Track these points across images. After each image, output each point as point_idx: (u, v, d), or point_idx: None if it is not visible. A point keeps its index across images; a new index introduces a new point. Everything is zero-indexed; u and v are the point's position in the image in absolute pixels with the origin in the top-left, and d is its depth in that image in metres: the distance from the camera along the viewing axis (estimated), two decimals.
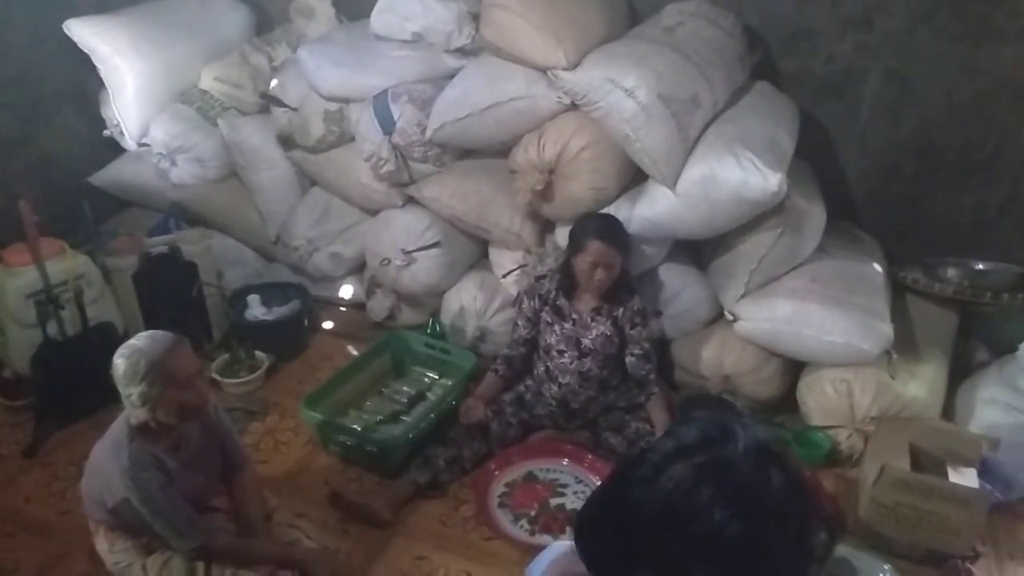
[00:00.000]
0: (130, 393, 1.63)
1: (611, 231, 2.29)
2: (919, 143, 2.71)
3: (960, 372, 2.54)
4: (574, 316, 2.38)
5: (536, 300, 2.43)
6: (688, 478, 0.71)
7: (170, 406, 1.65)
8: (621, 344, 2.39)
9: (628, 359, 2.39)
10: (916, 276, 2.60)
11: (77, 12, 3.07)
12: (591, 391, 2.40)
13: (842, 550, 2.01)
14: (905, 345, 2.41)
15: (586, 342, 2.37)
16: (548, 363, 2.43)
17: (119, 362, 1.63)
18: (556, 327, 2.39)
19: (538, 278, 2.49)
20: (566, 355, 2.39)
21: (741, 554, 0.70)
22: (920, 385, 2.35)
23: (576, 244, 2.30)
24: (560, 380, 2.41)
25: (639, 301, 2.38)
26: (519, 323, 2.48)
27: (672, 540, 0.71)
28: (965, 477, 2.07)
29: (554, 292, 2.40)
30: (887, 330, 2.31)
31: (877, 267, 2.59)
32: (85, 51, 3.07)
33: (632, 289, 2.41)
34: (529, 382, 2.49)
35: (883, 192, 2.83)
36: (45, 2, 3.05)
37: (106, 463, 1.69)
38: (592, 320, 2.37)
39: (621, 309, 2.36)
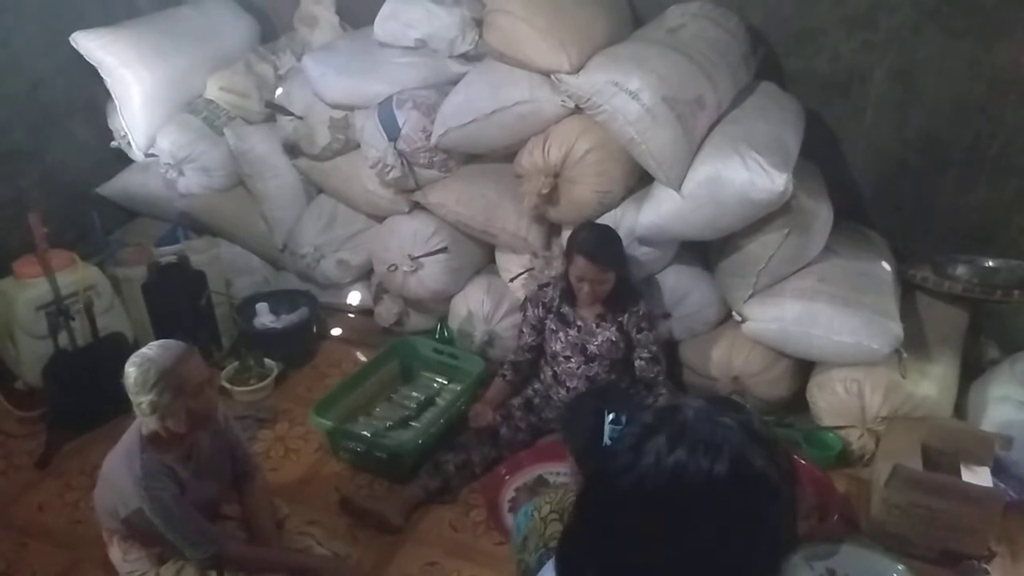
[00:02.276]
0: (140, 401, 1.64)
1: (599, 247, 2.26)
2: (926, 140, 2.70)
3: (971, 370, 2.53)
4: (579, 323, 2.38)
5: (540, 308, 2.43)
6: (664, 447, 0.76)
7: (180, 415, 1.66)
8: (628, 348, 2.38)
9: (637, 363, 2.38)
10: (925, 274, 2.58)
11: (85, 25, 3.09)
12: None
13: (855, 550, 2.00)
14: (915, 344, 2.40)
15: (592, 348, 2.36)
16: (555, 368, 2.43)
17: (130, 371, 1.64)
18: (561, 334, 2.39)
19: (541, 286, 2.48)
20: (572, 360, 2.38)
21: (740, 490, 0.74)
22: (931, 384, 2.33)
23: (567, 255, 2.31)
24: (568, 384, 2.41)
25: (644, 306, 2.37)
26: (523, 330, 2.49)
27: (674, 507, 0.75)
28: (978, 476, 2.06)
29: (557, 299, 2.40)
30: (897, 329, 2.30)
31: (886, 266, 2.58)
32: (92, 63, 3.09)
33: (636, 295, 2.40)
34: (537, 386, 2.49)
35: (891, 190, 2.82)
36: (53, 16, 3.08)
37: (118, 473, 1.69)
38: (597, 326, 2.36)
39: (625, 315, 2.35)
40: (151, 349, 1.68)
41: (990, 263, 2.59)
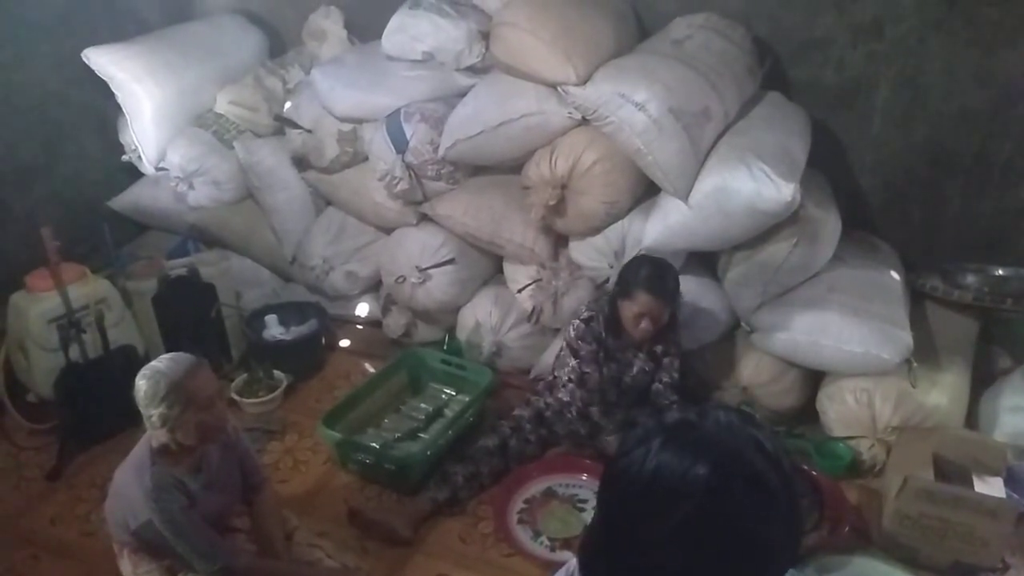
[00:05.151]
0: (151, 414, 1.64)
1: (661, 283, 2.21)
2: (934, 149, 2.70)
3: (983, 380, 2.51)
4: (618, 355, 2.36)
5: (593, 343, 2.34)
6: (657, 446, 0.78)
7: (189, 427, 1.66)
8: (655, 372, 2.38)
9: (655, 386, 2.36)
10: (935, 283, 2.57)
11: (96, 41, 3.13)
12: (617, 415, 2.39)
13: (867, 562, 1.99)
14: (926, 353, 2.39)
15: (627, 380, 2.36)
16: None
17: (141, 383, 1.65)
18: (603, 368, 2.35)
19: (586, 320, 2.35)
20: (608, 393, 2.37)
21: (718, 495, 0.74)
22: (942, 393, 2.32)
23: (624, 291, 2.24)
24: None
25: (679, 330, 2.36)
26: (587, 370, 2.32)
27: (649, 502, 0.76)
28: (991, 487, 2.04)
29: (603, 332, 2.34)
30: (907, 338, 2.29)
31: (895, 275, 2.57)
32: (103, 79, 3.13)
33: (675, 322, 2.37)
34: (550, 400, 2.45)
35: (899, 199, 2.82)
36: (65, 32, 3.12)
37: (129, 485, 1.70)
38: (634, 356, 2.35)
39: (661, 344, 2.34)
40: (161, 362, 1.69)
41: (1000, 272, 2.57)
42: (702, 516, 0.74)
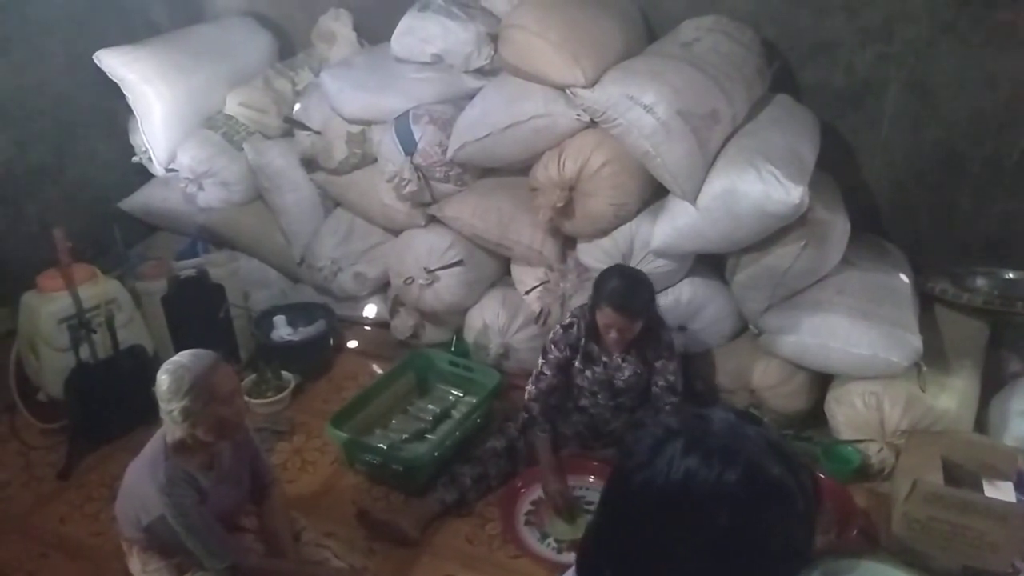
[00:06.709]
0: (172, 408, 1.65)
1: (628, 299, 2.15)
2: (943, 152, 2.69)
3: (993, 384, 2.50)
4: (604, 359, 2.33)
5: (567, 350, 2.32)
6: (679, 453, 0.77)
7: (211, 422, 1.67)
8: (650, 376, 2.36)
9: (653, 389, 2.34)
10: (944, 287, 2.56)
11: (106, 43, 3.16)
12: (622, 417, 2.39)
13: (875, 566, 1.98)
14: (935, 357, 2.38)
15: (619, 383, 2.33)
16: (579, 401, 2.40)
17: (163, 378, 1.65)
18: (588, 372, 2.34)
19: (565, 327, 2.33)
20: (599, 396, 2.36)
21: (751, 499, 0.74)
22: (951, 397, 2.31)
23: (595, 300, 2.22)
24: (591, 411, 2.40)
25: (667, 333, 2.35)
26: (545, 373, 2.33)
27: (680, 510, 0.75)
28: (1001, 491, 2.03)
29: (583, 339, 2.32)
30: (916, 342, 2.28)
31: (904, 278, 2.56)
32: (115, 81, 3.15)
33: (660, 324, 2.36)
34: (555, 402, 2.45)
35: (908, 202, 2.81)
36: (77, 35, 3.15)
37: (142, 481, 1.71)
38: (623, 361, 2.32)
39: (649, 347, 2.33)
40: (183, 357, 1.69)
41: (1010, 275, 2.56)
42: (735, 521, 0.74)
